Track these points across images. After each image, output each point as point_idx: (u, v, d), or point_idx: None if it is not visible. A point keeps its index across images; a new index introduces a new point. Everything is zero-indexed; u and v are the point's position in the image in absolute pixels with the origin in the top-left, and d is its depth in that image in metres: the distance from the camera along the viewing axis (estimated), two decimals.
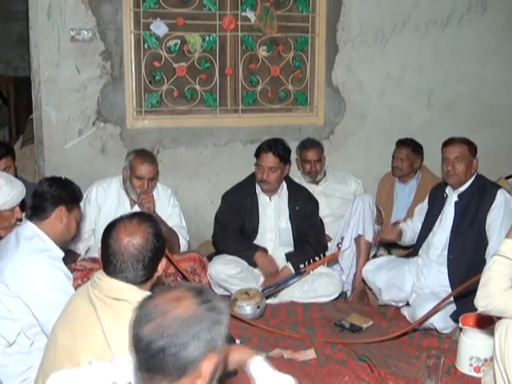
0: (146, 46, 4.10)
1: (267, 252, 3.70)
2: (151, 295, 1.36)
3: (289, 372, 1.74)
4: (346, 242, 3.70)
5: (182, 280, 3.39)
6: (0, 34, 7.45)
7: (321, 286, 3.60)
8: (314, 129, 4.50)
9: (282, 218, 3.77)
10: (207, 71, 4.26)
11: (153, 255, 1.86)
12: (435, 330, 3.10)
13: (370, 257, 3.73)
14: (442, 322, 3.06)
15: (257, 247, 3.69)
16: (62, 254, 2.42)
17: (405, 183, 4.22)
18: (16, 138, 5.59)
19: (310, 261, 3.65)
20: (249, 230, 3.75)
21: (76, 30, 3.89)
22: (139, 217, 1.92)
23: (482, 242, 3.14)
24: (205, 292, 1.33)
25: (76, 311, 1.88)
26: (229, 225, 3.75)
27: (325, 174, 4.18)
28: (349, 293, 3.71)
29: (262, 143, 3.74)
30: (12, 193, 2.50)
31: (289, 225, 3.76)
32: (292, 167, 3.99)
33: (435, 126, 4.64)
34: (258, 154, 3.69)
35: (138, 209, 3.42)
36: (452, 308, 3.06)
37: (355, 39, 4.46)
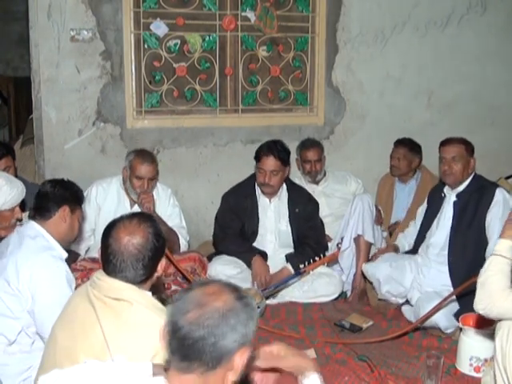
0: (146, 46, 4.10)
1: (266, 256, 3.68)
2: (189, 287, 1.42)
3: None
4: (345, 241, 3.70)
5: (182, 280, 3.39)
6: (0, 34, 7.45)
7: (321, 286, 3.60)
8: (313, 129, 4.49)
9: (282, 221, 3.76)
10: (207, 71, 4.26)
11: (153, 255, 1.86)
12: (439, 329, 3.08)
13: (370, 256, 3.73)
14: (446, 321, 3.05)
15: (256, 250, 3.68)
16: (65, 254, 2.43)
17: (404, 183, 4.22)
18: (16, 138, 5.59)
19: (310, 261, 3.65)
20: (249, 232, 3.74)
21: (76, 30, 3.89)
22: (139, 217, 1.92)
23: (482, 242, 3.13)
24: (239, 289, 1.42)
25: (75, 311, 1.88)
26: (229, 226, 3.75)
27: (325, 174, 4.18)
28: (349, 293, 3.71)
29: (262, 146, 3.70)
30: (12, 193, 2.50)
31: (288, 227, 3.76)
32: (292, 167, 3.98)
33: (435, 126, 4.64)
34: (259, 158, 3.65)
35: (137, 209, 3.42)
36: (456, 307, 3.05)
37: (355, 39, 4.46)
